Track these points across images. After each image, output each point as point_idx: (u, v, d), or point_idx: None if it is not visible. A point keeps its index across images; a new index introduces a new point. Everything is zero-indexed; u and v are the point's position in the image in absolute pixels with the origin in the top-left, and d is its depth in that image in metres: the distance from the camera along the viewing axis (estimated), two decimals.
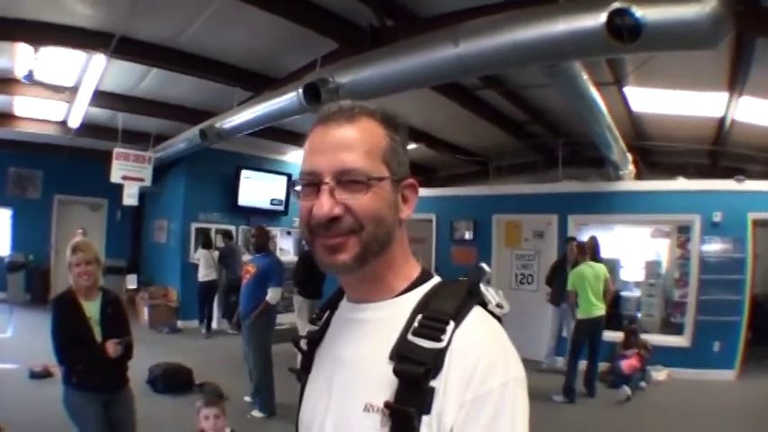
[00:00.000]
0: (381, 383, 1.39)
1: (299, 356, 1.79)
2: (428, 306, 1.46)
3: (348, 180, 1.46)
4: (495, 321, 1.50)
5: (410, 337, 1.40)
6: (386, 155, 1.52)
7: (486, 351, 1.38)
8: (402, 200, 1.59)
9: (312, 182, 1.50)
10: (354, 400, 1.44)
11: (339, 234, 1.47)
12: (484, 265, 1.64)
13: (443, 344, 1.36)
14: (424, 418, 1.33)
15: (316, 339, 1.74)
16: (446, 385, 1.34)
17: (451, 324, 1.39)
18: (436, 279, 1.62)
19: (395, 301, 1.55)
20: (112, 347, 5.07)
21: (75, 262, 5.23)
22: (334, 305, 1.76)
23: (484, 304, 1.51)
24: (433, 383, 1.34)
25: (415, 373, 1.33)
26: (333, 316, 1.74)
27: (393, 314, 1.50)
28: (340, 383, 1.53)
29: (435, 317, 1.41)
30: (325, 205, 1.44)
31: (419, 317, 1.43)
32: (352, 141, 1.49)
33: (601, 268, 11.02)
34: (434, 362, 1.35)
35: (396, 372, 1.36)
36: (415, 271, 1.63)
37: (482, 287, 1.55)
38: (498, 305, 1.54)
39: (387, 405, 1.35)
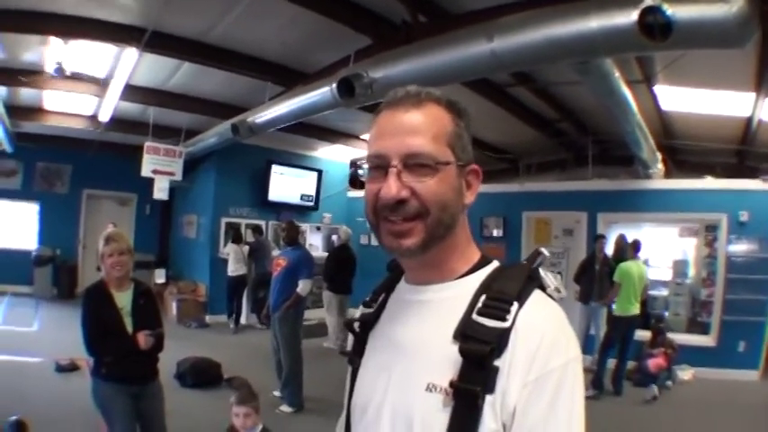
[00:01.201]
0: (444, 363, 1.42)
1: (351, 339, 1.83)
2: (491, 287, 1.49)
3: (415, 164, 1.50)
4: (554, 304, 1.54)
5: (475, 316, 1.44)
6: (451, 140, 1.56)
7: (549, 331, 1.42)
8: (465, 185, 1.63)
9: (379, 165, 1.54)
10: (416, 380, 1.47)
11: (406, 219, 1.51)
12: (543, 250, 1.68)
13: (508, 323, 1.40)
14: (488, 398, 1.36)
15: (370, 322, 1.77)
16: (510, 365, 1.37)
17: (515, 305, 1.42)
18: (495, 263, 1.65)
19: (457, 283, 1.59)
20: (144, 339, 5.08)
21: (109, 252, 5.22)
22: (390, 288, 1.79)
23: (543, 288, 1.55)
24: (497, 363, 1.37)
25: (481, 351, 1.36)
26: (388, 299, 1.78)
27: (455, 295, 1.53)
28: (400, 364, 1.55)
29: (500, 297, 1.45)
30: (393, 187, 1.49)
31: (483, 297, 1.47)
32: (419, 126, 1.53)
33: (644, 269, 11.19)
34: (499, 341, 1.38)
35: (461, 351, 1.39)
36: (476, 255, 1.67)
37: (541, 271, 1.59)
38: (557, 289, 1.58)
39: (452, 384, 1.37)
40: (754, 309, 11.95)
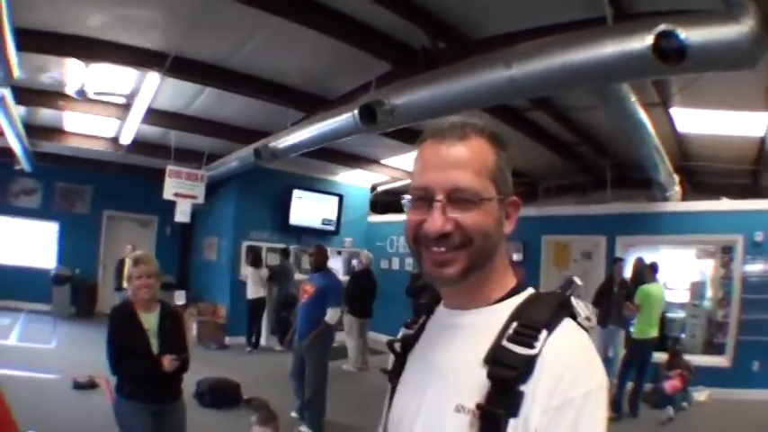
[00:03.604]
0: (474, 386, 1.47)
1: (391, 359, 1.90)
2: (522, 315, 1.55)
3: (459, 198, 1.55)
4: (583, 333, 1.58)
5: (505, 342, 1.49)
6: (494, 174, 1.62)
7: (574, 361, 1.46)
8: (505, 216, 1.68)
9: (423, 197, 1.59)
10: (446, 401, 1.53)
11: (449, 249, 1.56)
12: (576, 279, 1.76)
13: (536, 351, 1.44)
14: (511, 422, 1.40)
15: (410, 343, 1.84)
16: (535, 391, 1.41)
17: (544, 333, 1.47)
18: (530, 290, 1.70)
19: (491, 309, 1.64)
20: (168, 362, 5.12)
21: (137, 275, 5.28)
22: (431, 310, 1.85)
23: (573, 316, 1.60)
24: (522, 388, 1.42)
25: (508, 376, 1.42)
26: (428, 321, 1.84)
27: (488, 321, 1.59)
28: (433, 385, 1.61)
29: (529, 325, 1.50)
30: (437, 222, 1.54)
31: (514, 324, 1.52)
32: (463, 160, 1.58)
33: (663, 292, 11.26)
34: (526, 367, 1.42)
35: (489, 375, 1.45)
36: (512, 282, 1.72)
37: (573, 300, 1.64)
38: (587, 318, 1.66)
39: (478, 406, 1.43)
40: None
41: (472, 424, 1.45)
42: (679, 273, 15.01)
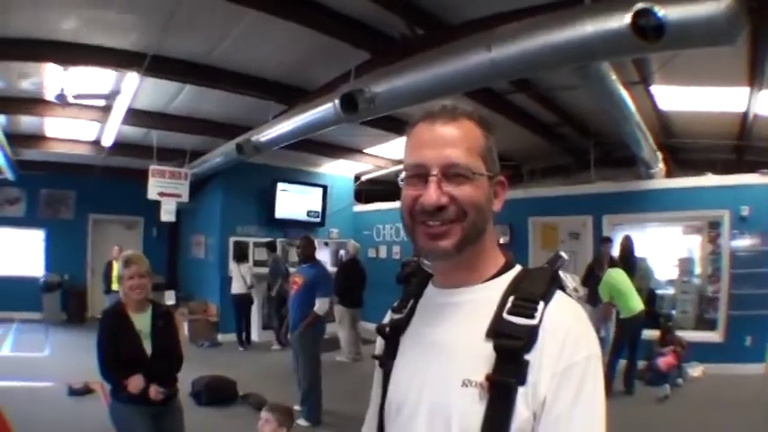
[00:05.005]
0: (478, 360, 1.53)
1: (380, 343, 1.94)
2: (518, 289, 1.62)
3: (453, 173, 1.62)
4: (575, 302, 1.67)
5: (506, 315, 1.56)
6: (483, 152, 1.70)
7: (573, 327, 1.55)
8: (493, 195, 1.75)
9: (419, 173, 1.66)
10: (451, 377, 1.57)
11: (444, 222, 1.62)
12: (563, 254, 1.84)
13: (536, 321, 1.53)
14: (520, 390, 1.47)
15: (401, 326, 1.86)
16: (541, 358, 1.49)
17: (541, 304, 1.56)
18: (519, 267, 1.78)
19: (485, 286, 1.71)
20: (155, 393, 5.03)
21: (129, 275, 5.17)
22: (419, 293, 1.89)
23: (563, 288, 1.68)
24: (527, 357, 1.49)
25: (514, 346, 1.49)
26: (417, 304, 1.87)
27: (485, 297, 1.65)
28: (435, 363, 1.65)
29: (527, 298, 1.58)
30: (433, 195, 1.60)
31: (511, 298, 1.59)
32: (456, 139, 1.66)
33: (620, 271, 11.16)
34: (529, 337, 1.50)
35: (496, 347, 1.51)
36: (502, 259, 1.80)
37: (561, 273, 1.73)
38: (575, 289, 1.70)
39: (487, 378, 1.49)
40: (759, 303, 11.92)
41: (481, 396, 1.50)
42: (667, 249, 15.06)
